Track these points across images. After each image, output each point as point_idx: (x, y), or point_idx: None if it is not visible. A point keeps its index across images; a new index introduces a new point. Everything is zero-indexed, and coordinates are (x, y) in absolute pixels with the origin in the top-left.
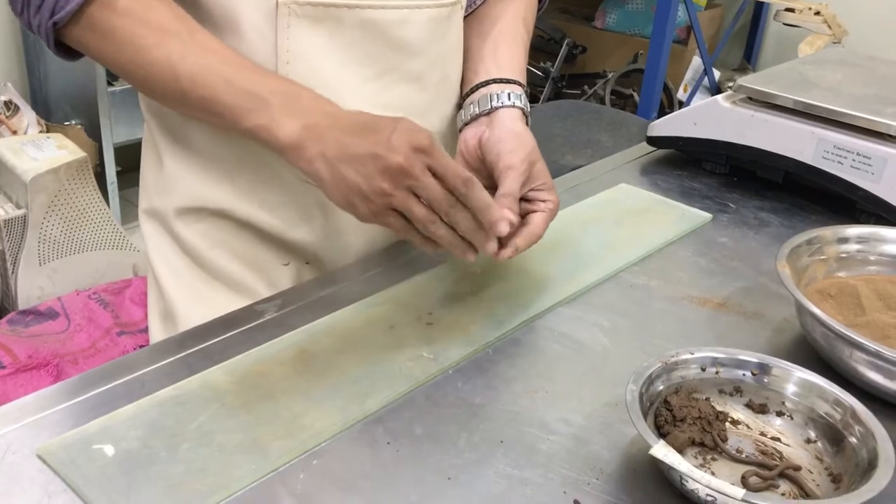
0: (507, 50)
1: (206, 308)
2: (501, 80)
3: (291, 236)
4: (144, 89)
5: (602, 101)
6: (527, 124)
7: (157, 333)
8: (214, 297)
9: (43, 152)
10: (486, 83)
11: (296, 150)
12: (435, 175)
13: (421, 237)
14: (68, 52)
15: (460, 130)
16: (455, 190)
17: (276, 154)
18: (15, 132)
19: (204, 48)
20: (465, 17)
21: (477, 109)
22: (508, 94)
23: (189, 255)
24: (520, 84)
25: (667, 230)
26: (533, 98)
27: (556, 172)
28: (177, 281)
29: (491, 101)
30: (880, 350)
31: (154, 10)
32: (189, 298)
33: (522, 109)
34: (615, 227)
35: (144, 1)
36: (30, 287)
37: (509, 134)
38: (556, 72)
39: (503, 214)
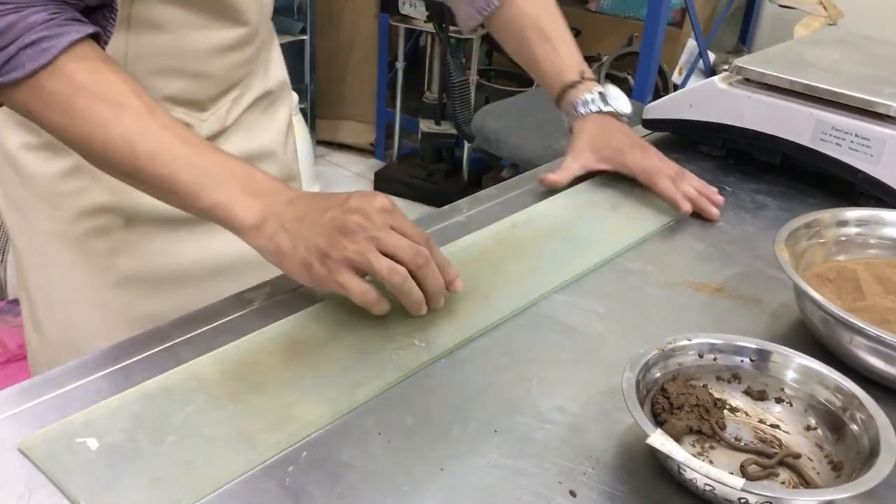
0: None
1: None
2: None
3: None
4: (93, 160)
5: None
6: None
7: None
8: None
9: None
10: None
11: (255, 228)
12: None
13: (376, 297)
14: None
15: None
16: (424, 241)
17: (232, 233)
18: None
19: (163, 126)
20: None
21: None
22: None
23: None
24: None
25: (662, 214)
26: (528, 82)
27: (550, 157)
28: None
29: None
30: (881, 335)
31: (112, 85)
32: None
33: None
34: (610, 211)
35: (101, 74)
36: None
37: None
38: None
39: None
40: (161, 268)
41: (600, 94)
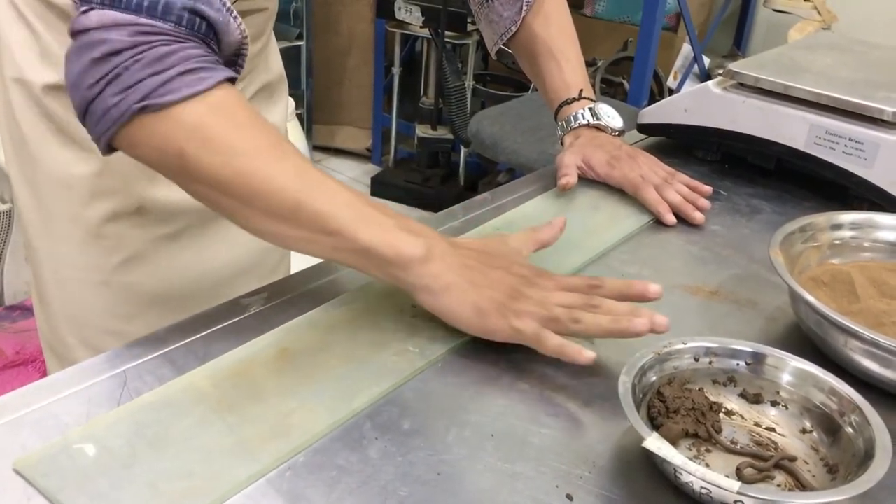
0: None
1: None
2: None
3: None
4: (248, 196)
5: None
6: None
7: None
8: None
9: None
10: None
11: (422, 263)
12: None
13: (556, 342)
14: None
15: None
16: (588, 287)
17: (385, 272)
18: None
19: (318, 171)
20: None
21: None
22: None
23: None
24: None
25: (642, 213)
26: (523, 87)
27: (545, 162)
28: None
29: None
30: (875, 338)
31: (268, 126)
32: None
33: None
34: (591, 211)
35: (257, 115)
36: (16, 282)
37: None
38: None
39: (649, 285)
40: (168, 252)
41: (590, 109)
